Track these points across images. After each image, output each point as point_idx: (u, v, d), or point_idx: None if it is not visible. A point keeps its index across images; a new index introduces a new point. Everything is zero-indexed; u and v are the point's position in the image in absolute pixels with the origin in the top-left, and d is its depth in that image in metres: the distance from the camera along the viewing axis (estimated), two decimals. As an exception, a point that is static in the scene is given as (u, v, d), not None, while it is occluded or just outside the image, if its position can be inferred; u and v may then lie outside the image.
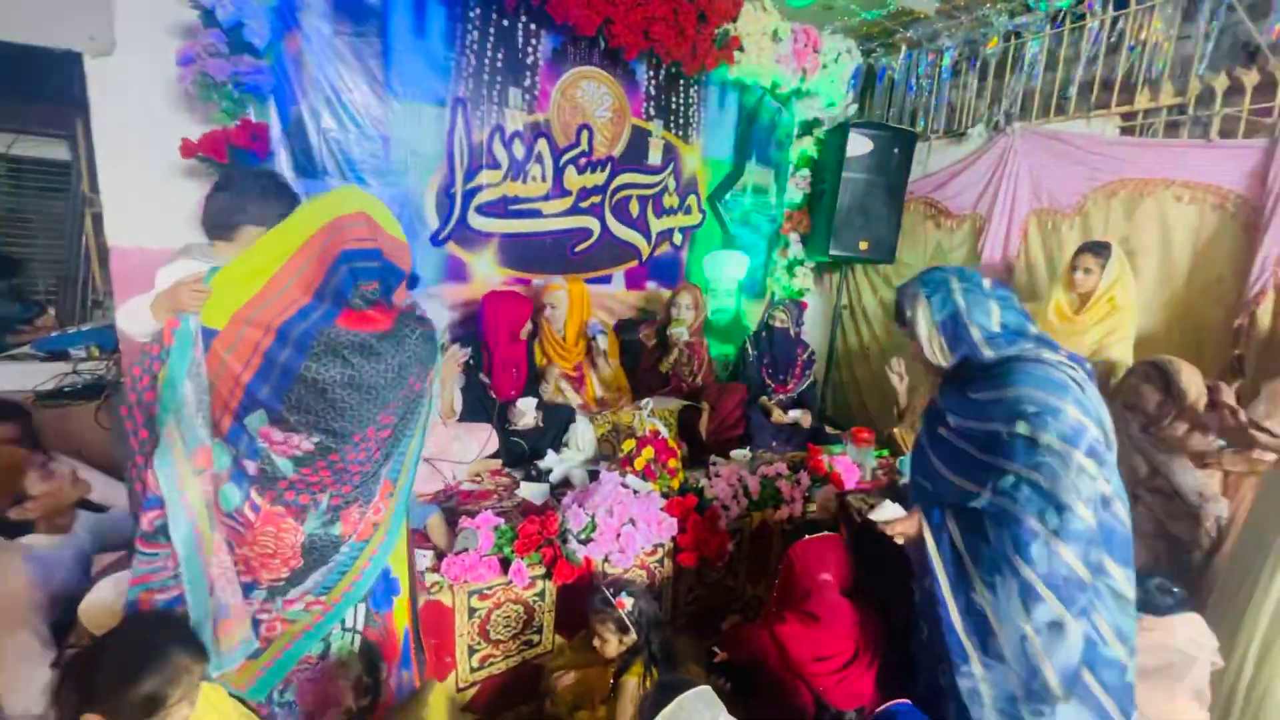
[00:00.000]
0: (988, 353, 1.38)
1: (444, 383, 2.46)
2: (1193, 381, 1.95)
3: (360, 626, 1.41)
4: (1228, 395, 1.93)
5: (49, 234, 4.00)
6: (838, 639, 1.67)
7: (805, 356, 3.21)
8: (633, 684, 1.64)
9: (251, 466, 1.23)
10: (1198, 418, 1.93)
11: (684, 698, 1.22)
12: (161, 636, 1.09)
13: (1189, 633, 1.55)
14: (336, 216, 1.23)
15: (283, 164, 2.51)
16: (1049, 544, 1.25)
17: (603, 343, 3.02)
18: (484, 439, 2.51)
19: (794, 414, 3.08)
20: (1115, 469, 1.32)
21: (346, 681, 1.40)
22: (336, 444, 1.27)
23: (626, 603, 1.72)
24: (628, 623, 1.70)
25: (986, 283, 1.44)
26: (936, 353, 1.45)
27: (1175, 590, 1.60)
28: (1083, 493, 1.24)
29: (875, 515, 1.50)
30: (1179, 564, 1.96)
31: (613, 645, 1.71)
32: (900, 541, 1.48)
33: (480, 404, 2.61)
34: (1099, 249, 2.39)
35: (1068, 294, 2.48)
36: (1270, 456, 1.83)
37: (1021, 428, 1.27)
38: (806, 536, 1.81)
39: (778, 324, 3.16)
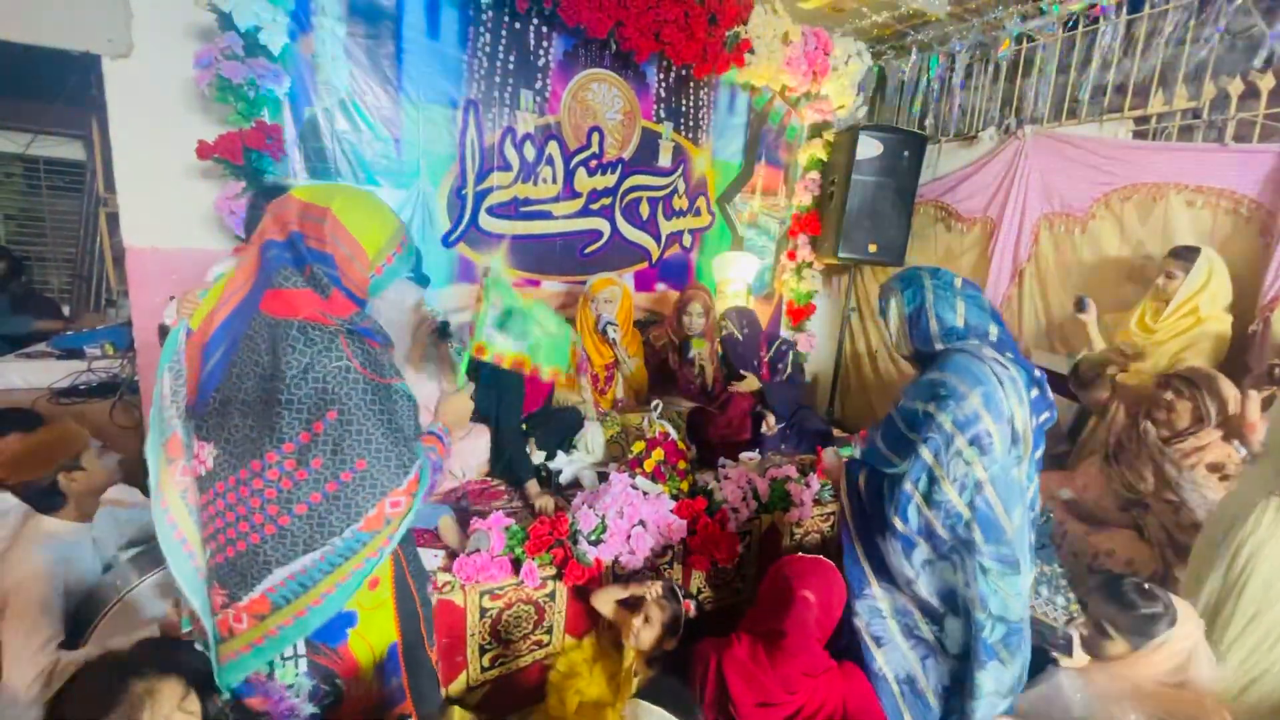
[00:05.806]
0: (939, 345, 1.55)
1: (441, 359, 2.33)
2: (1232, 391, 1.96)
3: (303, 652, 1.22)
4: (1254, 403, 1.93)
5: (63, 233, 4.05)
6: (790, 680, 1.49)
7: (772, 352, 3.02)
8: None
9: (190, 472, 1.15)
10: (1230, 428, 1.95)
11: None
12: (116, 673, 1.04)
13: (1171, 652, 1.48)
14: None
15: (296, 165, 2.53)
16: (919, 506, 1.47)
17: (613, 333, 2.76)
18: (485, 446, 2.50)
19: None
20: (1007, 461, 1.44)
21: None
22: (232, 464, 1.09)
23: (693, 609, 1.73)
24: (680, 626, 1.67)
25: (958, 281, 1.59)
26: (901, 342, 1.64)
27: (1148, 589, 1.54)
28: (952, 472, 1.43)
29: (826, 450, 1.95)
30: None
31: (649, 637, 1.68)
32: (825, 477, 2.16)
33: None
34: (1184, 252, 2.26)
35: (1153, 302, 2.38)
36: None
37: (931, 405, 1.46)
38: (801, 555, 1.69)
39: (724, 333, 2.98)
